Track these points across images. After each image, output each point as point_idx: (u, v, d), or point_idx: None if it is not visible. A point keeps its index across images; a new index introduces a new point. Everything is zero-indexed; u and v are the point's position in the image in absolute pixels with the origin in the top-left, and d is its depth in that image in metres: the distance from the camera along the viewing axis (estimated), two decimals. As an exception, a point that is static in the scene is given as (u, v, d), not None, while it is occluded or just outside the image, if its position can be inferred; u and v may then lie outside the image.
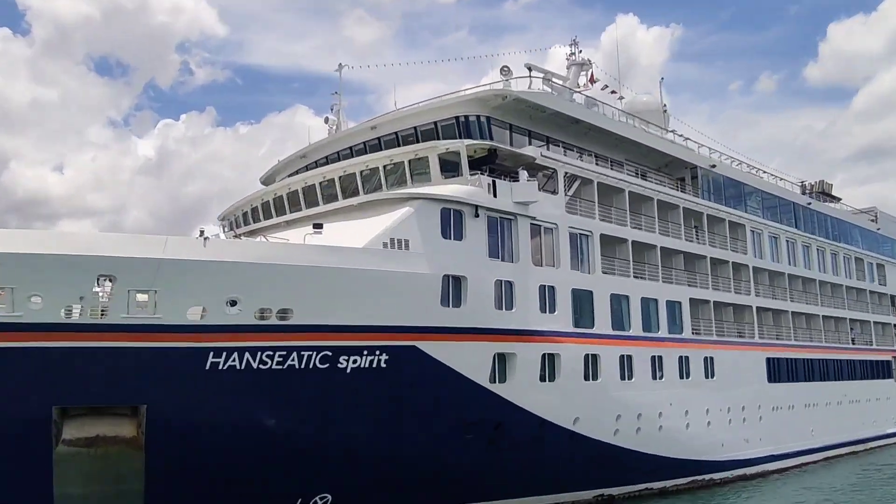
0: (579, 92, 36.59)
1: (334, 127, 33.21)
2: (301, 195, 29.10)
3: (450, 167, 26.49)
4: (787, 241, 45.65)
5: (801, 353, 42.43)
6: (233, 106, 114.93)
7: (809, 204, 49.74)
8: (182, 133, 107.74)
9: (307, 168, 32.35)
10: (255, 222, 31.25)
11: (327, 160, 31.88)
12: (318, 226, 23.71)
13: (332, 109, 33.33)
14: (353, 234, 24.19)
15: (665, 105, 43.92)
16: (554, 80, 34.44)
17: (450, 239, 25.23)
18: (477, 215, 25.95)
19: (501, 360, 25.90)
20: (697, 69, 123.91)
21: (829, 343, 46.85)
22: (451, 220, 25.39)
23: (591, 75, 39.64)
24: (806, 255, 47.59)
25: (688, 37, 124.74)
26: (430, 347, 23.86)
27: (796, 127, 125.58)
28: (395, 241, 23.99)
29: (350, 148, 31.73)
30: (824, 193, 55.05)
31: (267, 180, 35.78)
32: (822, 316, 46.35)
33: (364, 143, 31.25)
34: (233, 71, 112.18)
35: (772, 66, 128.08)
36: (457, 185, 25.84)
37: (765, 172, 47.58)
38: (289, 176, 31.66)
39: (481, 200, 25.98)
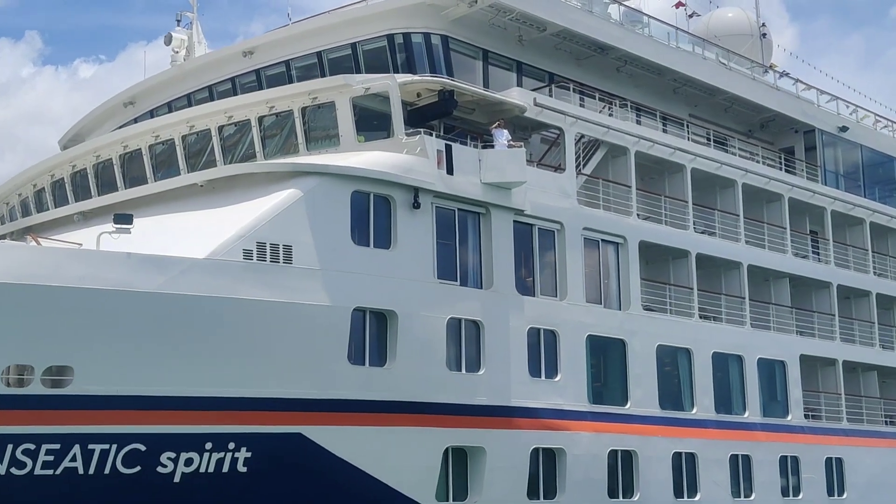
0: (618, 1, 36.39)
1: (183, 52, 33.40)
2: (117, 167, 28.70)
3: (373, 121, 26.42)
4: None
5: None
6: (68, 32, 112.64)
7: None
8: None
9: (136, 122, 32.17)
10: (39, 212, 30.51)
11: (170, 108, 32.08)
12: (122, 219, 22.47)
13: (178, 22, 33.74)
14: (194, 234, 23.72)
15: (764, 26, 44.08)
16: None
17: (367, 246, 24.92)
18: (417, 205, 25.69)
19: (460, 460, 26.04)
20: None
21: None
22: (371, 214, 25.12)
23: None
24: None
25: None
26: (329, 437, 23.53)
27: None
28: (268, 248, 23.30)
29: (209, 88, 32.03)
30: None
31: (70, 144, 35.35)
32: None
33: (233, 79, 31.43)
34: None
35: None
36: (383, 153, 25.61)
37: None
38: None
39: (425, 179, 25.73)
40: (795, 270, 37.08)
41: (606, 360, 30.37)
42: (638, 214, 31.77)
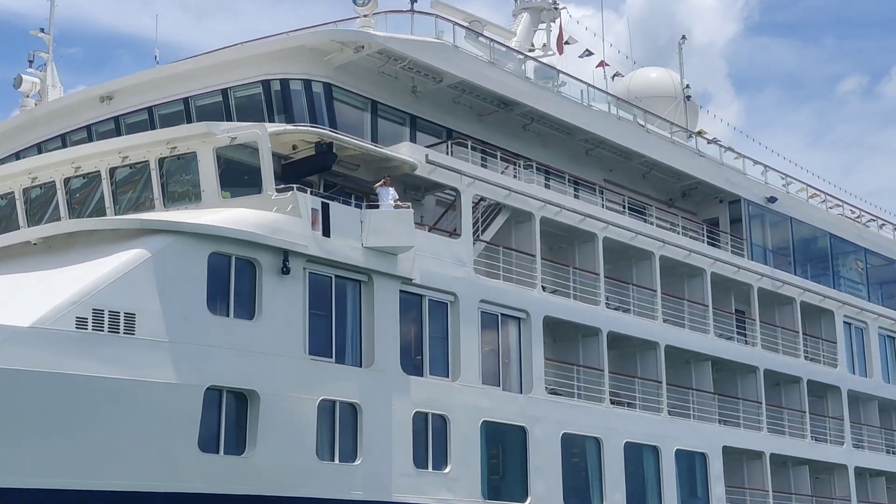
0: (533, 59, 36.76)
1: (35, 95, 32.90)
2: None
3: (242, 176, 25.85)
4: None
5: None
6: None
7: None
8: None
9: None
10: None
11: (17, 159, 31.27)
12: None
13: (30, 63, 33.15)
14: (21, 298, 22.75)
15: (688, 87, 44.04)
16: (474, 28, 34.49)
17: (226, 315, 24.03)
18: (287, 271, 24.77)
19: None
20: (787, 51, 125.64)
21: None
22: (232, 280, 24.22)
23: (560, 33, 40.13)
24: None
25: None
26: None
27: None
28: (107, 316, 22.31)
29: (62, 137, 31.48)
30: None
31: None
32: None
33: (89, 127, 30.95)
34: None
35: None
36: (248, 211, 24.82)
37: (876, 220, 48.92)
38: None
39: (297, 241, 24.92)
40: (719, 353, 36.37)
41: (504, 449, 29.40)
42: (543, 287, 30.96)
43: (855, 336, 43.00)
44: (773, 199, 40.72)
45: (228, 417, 23.37)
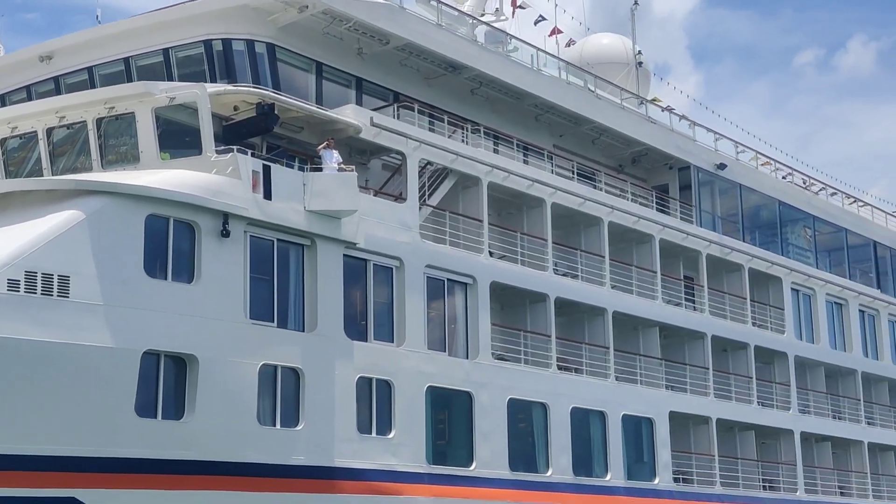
0: (484, 23, 36.29)
1: None
2: None
3: (183, 138, 25.39)
4: (863, 311, 46.37)
5: None
6: None
7: None
8: None
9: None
10: None
11: None
12: None
13: None
14: None
15: (640, 54, 43.65)
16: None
17: (164, 279, 23.55)
18: (226, 234, 24.29)
19: None
20: (745, 22, 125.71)
21: None
22: (170, 242, 23.70)
23: (514, -1, 39.73)
24: None
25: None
26: (110, 502, 22.12)
27: None
28: (40, 278, 21.76)
29: (1, 97, 30.89)
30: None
31: None
32: None
33: (28, 87, 30.46)
34: None
35: (866, 28, 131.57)
36: (187, 172, 24.32)
37: (827, 188, 48.99)
38: None
39: (237, 204, 24.45)
40: (666, 319, 36.17)
41: (450, 414, 29.15)
42: (491, 252, 30.64)
43: (802, 303, 42.95)
44: (722, 167, 40.49)
45: (166, 382, 22.96)
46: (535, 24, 40.83)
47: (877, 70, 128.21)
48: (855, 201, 50.16)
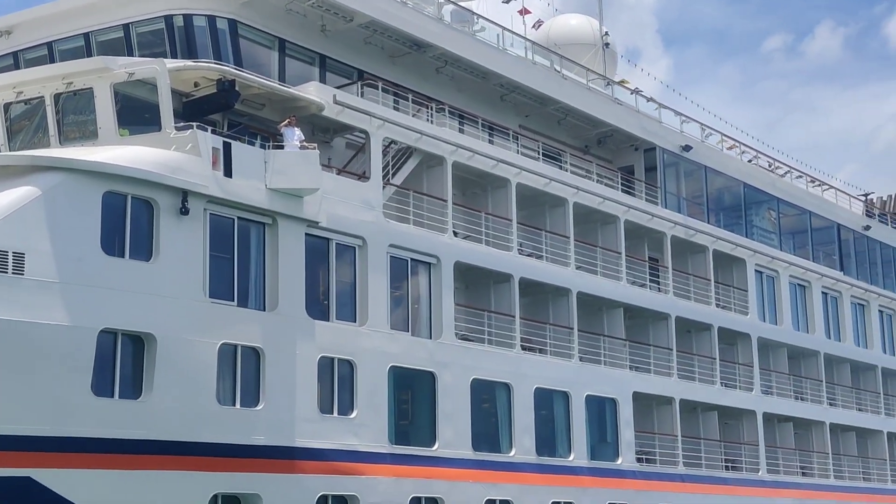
0: (451, 2, 35.87)
1: None
2: None
3: (143, 114, 25.15)
4: (825, 293, 46.54)
5: (846, 500, 44.53)
6: None
7: (867, 230, 50.92)
8: None
9: None
10: None
11: None
12: None
13: None
14: None
15: (607, 35, 43.39)
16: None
17: (122, 256, 23.25)
18: (186, 211, 23.99)
19: None
20: (714, 6, 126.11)
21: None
22: (128, 220, 23.39)
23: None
24: (860, 320, 48.64)
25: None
26: (67, 483, 21.84)
27: (877, 115, 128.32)
28: None
29: None
30: (904, 217, 57.11)
31: None
32: (889, 434, 48.83)
33: None
34: None
35: (833, 14, 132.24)
36: (146, 149, 24.02)
37: (793, 171, 49.17)
38: None
39: (196, 181, 24.15)
40: (631, 300, 36.08)
41: (413, 395, 28.96)
42: (455, 232, 30.43)
43: (766, 284, 43.00)
44: (687, 148, 40.35)
45: (124, 361, 22.68)
46: (504, 2, 40.63)
47: (844, 56, 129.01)
48: (820, 185, 50.32)
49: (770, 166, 47.14)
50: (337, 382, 26.50)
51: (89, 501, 21.80)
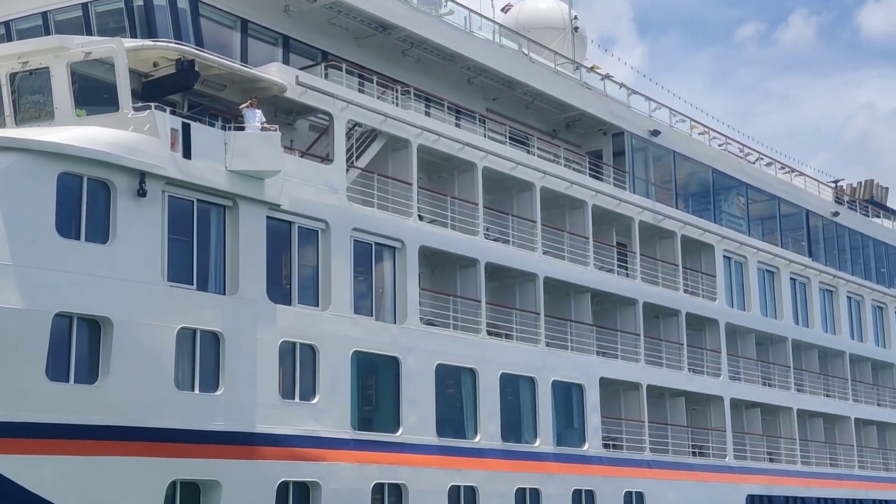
0: None
1: None
2: None
3: (102, 94, 24.77)
4: (794, 279, 46.32)
5: (813, 486, 44.13)
6: None
7: (836, 216, 50.92)
8: None
9: None
10: None
11: None
12: None
13: None
14: None
15: (576, 19, 43.14)
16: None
17: (77, 239, 22.79)
18: (143, 193, 23.58)
19: (191, 497, 24.25)
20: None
21: (868, 470, 47.89)
22: (84, 201, 22.94)
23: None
24: (828, 306, 48.75)
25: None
26: (20, 468, 21.45)
27: (849, 104, 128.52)
28: None
29: None
30: (872, 203, 56.27)
31: None
32: (856, 420, 48.34)
33: None
34: None
35: (807, 3, 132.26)
36: (102, 129, 23.53)
37: (763, 157, 49.04)
38: None
39: (154, 162, 23.74)
40: (598, 285, 35.81)
41: (377, 380, 28.63)
42: (420, 216, 30.07)
43: (734, 270, 42.84)
44: (656, 133, 40.08)
45: (80, 345, 22.24)
46: None
47: (817, 45, 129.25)
48: (790, 171, 50.24)
49: (741, 152, 47.03)
50: (299, 367, 26.14)
51: (44, 488, 21.33)
